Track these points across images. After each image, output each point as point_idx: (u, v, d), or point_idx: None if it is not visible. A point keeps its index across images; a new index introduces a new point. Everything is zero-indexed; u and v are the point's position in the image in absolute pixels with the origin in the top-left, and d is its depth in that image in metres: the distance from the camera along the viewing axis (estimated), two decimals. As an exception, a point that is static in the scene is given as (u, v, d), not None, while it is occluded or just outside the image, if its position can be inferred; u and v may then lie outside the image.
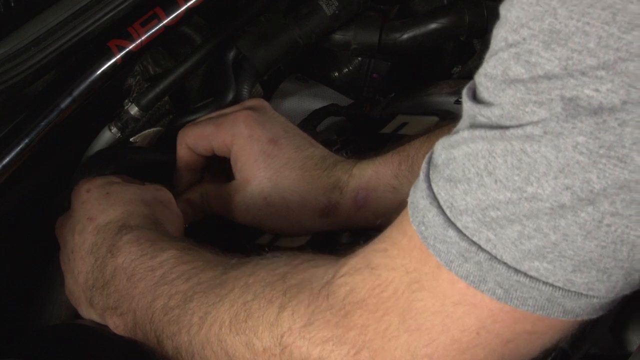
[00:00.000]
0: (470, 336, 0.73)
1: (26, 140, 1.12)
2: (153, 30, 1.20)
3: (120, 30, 1.19)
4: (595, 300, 0.71)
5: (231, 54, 1.31)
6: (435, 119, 1.32)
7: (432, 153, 0.75)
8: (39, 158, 1.14)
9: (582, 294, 0.70)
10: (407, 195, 0.76)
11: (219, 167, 1.22)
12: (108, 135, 1.22)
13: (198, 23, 1.35)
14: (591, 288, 0.70)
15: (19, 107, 1.14)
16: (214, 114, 1.22)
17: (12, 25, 1.10)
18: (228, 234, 1.22)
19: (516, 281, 0.70)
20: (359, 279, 0.78)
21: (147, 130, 1.26)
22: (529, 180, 0.67)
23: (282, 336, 0.80)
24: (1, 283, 1.17)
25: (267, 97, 1.46)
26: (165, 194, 1.12)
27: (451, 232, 0.71)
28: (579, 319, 0.72)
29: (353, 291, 0.77)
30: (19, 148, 1.12)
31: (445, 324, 0.73)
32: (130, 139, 1.25)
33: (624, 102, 0.63)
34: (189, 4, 1.23)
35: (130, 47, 1.19)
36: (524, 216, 0.68)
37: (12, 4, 1.12)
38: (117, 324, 1.00)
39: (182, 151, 1.20)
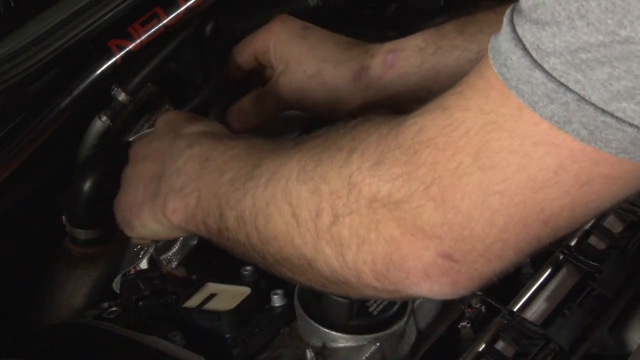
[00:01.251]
0: (547, 175, 0.74)
1: (26, 140, 1.12)
2: (153, 30, 1.21)
3: (120, 30, 1.19)
4: None
5: (209, 28, 1.32)
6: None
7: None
8: (39, 158, 1.14)
9: None
10: (431, 57, 0.76)
11: None
12: (99, 124, 1.21)
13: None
14: None
15: (19, 107, 1.14)
16: None
17: (12, 25, 1.11)
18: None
19: (602, 122, 0.71)
20: (429, 118, 0.79)
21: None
22: (622, 23, 0.68)
23: (350, 176, 0.82)
24: (1, 283, 1.17)
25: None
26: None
27: (538, 74, 0.72)
28: None
29: (422, 130, 0.79)
30: (19, 148, 1.12)
31: (523, 162, 0.74)
32: (130, 139, 1.25)
33: None
34: (188, 4, 1.23)
35: (130, 47, 1.19)
36: (614, 58, 0.69)
37: (12, 4, 1.12)
38: (177, 207, 1.02)
39: (232, 67, 1.31)
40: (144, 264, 1.13)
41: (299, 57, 1.24)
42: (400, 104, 1.19)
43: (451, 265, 0.79)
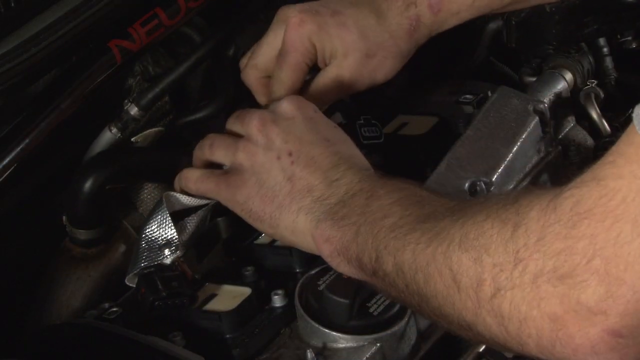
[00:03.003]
0: None
1: (26, 140, 1.12)
2: (153, 30, 1.21)
3: (120, 30, 1.19)
4: None
5: (231, 52, 1.31)
6: (435, 119, 1.32)
7: None
8: (39, 158, 1.14)
9: None
10: None
11: None
12: (108, 135, 1.22)
13: (198, 23, 1.35)
14: None
15: (19, 107, 1.14)
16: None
17: (12, 25, 1.11)
18: (229, 235, 1.23)
19: None
20: (585, 190, 0.79)
21: (147, 131, 1.26)
22: None
23: (517, 252, 0.82)
24: (1, 283, 1.17)
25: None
26: None
27: None
28: None
29: (579, 202, 0.79)
30: (19, 148, 1.12)
31: None
32: (132, 139, 1.25)
33: None
34: (188, 4, 1.23)
35: (130, 47, 1.19)
36: None
37: (12, 4, 1.12)
38: (332, 236, 1.01)
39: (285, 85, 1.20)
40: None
41: (354, 45, 1.19)
42: None
43: (618, 341, 0.78)
